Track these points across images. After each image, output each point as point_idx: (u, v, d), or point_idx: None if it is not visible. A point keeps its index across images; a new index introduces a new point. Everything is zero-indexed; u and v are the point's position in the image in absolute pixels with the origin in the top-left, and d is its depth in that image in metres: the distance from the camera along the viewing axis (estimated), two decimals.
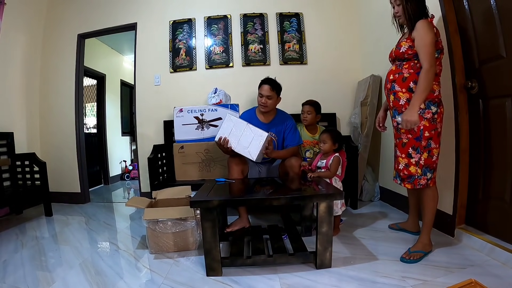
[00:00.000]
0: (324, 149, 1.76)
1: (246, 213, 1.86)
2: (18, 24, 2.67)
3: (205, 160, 2.29)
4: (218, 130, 1.85)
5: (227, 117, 1.85)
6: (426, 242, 1.44)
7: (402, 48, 1.40)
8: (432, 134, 1.36)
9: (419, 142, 1.37)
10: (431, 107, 1.36)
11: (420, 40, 1.30)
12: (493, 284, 1.08)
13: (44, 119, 2.97)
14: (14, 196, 2.26)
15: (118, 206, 2.90)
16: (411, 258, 1.38)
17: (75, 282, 1.33)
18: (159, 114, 2.77)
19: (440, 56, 1.39)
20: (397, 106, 1.43)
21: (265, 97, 1.88)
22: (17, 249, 1.76)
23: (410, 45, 1.37)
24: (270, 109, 1.94)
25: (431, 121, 1.35)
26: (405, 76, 1.38)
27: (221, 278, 1.31)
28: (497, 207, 1.43)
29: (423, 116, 1.34)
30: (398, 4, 1.40)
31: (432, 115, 1.35)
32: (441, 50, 1.39)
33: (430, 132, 1.36)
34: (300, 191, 1.57)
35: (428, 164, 1.38)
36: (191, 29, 2.84)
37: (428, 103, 1.35)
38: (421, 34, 1.30)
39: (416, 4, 1.36)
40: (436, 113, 1.36)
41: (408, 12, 1.36)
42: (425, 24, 1.30)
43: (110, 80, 4.31)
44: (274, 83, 1.91)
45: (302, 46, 2.79)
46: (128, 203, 1.79)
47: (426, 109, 1.35)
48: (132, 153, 5.00)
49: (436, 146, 1.39)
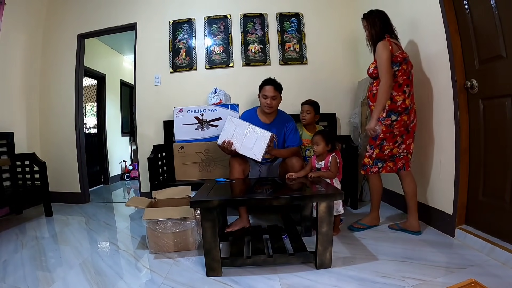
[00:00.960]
0: (317, 151, 1.73)
1: (246, 213, 1.86)
2: (18, 24, 2.67)
3: (205, 160, 2.29)
4: (220, 133, 1.83)
5: (228, 119, 1.84)
6: (373, 217, 1.84)
7: (370, 69, 1.71)
8: (387, 136, 1.68)
9: (374, 141, 1.72)
10: (392, 115, 1.65)
11: (378, 59, 1.61)
12: (493, 284, 1.08)
13: (44, 119, 2.97)
14: (14, 196, 2.26)
15: (118, 206, 2.90)
16: (357, 227, 1.81)
17: (75, 282, 1.33)
18: (159, 114, 2.77)
19: (400, 67, 1.62)
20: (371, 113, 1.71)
21: (270, 98, 1.88)
22: (17, 249, 1.76)
23: (375, 65, 1.66)
24: (275, 110, 1.96)
25: (388, 127, 1.66)
26: (373, 92, 1.68)
27: (221, 278, 1.31)
28: (497, 207, 1.43)
29: (382, 122, 1.65)
30: (366, 29, 1.72)
31: (391, 122, 1.65)
32: (401, 62, 1.61)
33: (385, 134, 1.67)
34: (300, 191, 1.57)
35: (380, 157, 1.73)
36: (191, 29, 2.84)
37: (389, 112, 1.65)
38: (378, 54, 1.60)
39: (380, 28, 1.65)
40: (395, 120, 1.64)
41: (372, 37, 1.69)
42: (380, 45, 1.59)
43: (110, 80, 4.31)
44: (277, 83, 1.92)
45: (302, 46, 2.79)
46: (128, 203, 1.79)
47: (386, 117, 1.65)
48: (132, 153, 5.00)
49: (389, 144, 1.70)
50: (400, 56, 1.61)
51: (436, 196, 1.80)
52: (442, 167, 1.72)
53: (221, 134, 1.82)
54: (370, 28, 1.68)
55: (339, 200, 1.66)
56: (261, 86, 1.94)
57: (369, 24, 1.69)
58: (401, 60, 1.61)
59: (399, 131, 1.67)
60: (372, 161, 1.77)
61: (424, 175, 1.90)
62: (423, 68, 1.87)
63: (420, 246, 1.56)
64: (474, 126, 1.56)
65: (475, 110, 1.54)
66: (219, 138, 1.83)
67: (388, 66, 1.56)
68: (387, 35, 1.63)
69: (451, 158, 1.63)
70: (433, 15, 1.69)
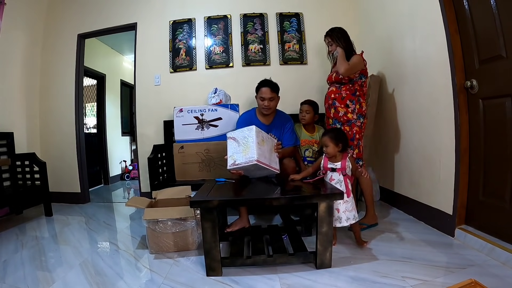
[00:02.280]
0: (329, 153, 1.59)
1: (247, 213, 1.86)
2: (18, 24, 2.67)
3: (205, 160, 2.29)
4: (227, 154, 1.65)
5: (228, 139, 1.66)
6: (371, 216, 1.86)
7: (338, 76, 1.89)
8: (360, 137, 1.88)
9: (352, 142, 1.86)
10: (360, 118, 1.88)
11: (352, 65, 1.82)
12: (493, 284, 1.09)
13: (44, 119, 2.97)
14: (14, 196, 2.26)
15: (118, 206, 2.90)
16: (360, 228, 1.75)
17: (75, 282, 1.33)
18: (159, 114, 2.77)
19: (365, 79, 1.89)
20: (337, 116, 1.91)
21: (267, 99, 1.87)
22: (17, 249, 1.76)
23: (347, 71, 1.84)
24: (273, 110, 1.95)
25: (360, 128, 1.88)
26: (343, 96, 1.87)
27: (221, 278, 1.31)
28: (497, 207, 1.43)
29: (355, 124, 1.86)
30: (331, 44, 1.94)
31: (361, 124, 1.88)
32: (366, 76, 1.90)
33: (359, 135, 1.88)
34: (300, 191, 1.57)
35: (359, 156, 1.89)
36: (191, 29, 2.84)
37: (359, 115, 1.87)
38: (354, 62, 1.81)
39: (346, 43, 1.90)
40: (362, 123, 1.90)
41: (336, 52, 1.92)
42: (358, 57, 1.84)
43: (110, 80, 4.31)
44: (273, 84, 1.91)
45: (302, 46, 2.79)
46: (128, 203, 1.79)
47: (357, 119, 1.87)
48: (132, 153, 5.00)
49: (361, 144, 1.91)
50: (367, 70, 1.89)
51: (436, 196, 1.79)
52: (442, 167, 1.72)
53: (228, 155, 1.64)
54: (336, 43, 1.91)
55: (349, 204, 1.53)
56: (257, 88, 1.93)
57: (334, 40, 1.92)
58: (366, 73, 1.90)
59: (364, 130, 1.95)
60: (355, 161, 1.84)
61: (424, 175, 1.90)
62: (423, 68, 1.87)
63: (420, 246, 1.56)
64: (474, 126, 1.56)
65: (475, 110, 1.54)
66: (228, 161, 1.63)
67: (354, 72, 1.83)
68: (362, 51, 1.90)
69: (451, 158, 1.63)
70: (433, 15, 1.69)
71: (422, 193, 1.92)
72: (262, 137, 1.63)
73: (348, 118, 1.86)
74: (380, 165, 2.52)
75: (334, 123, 1.93)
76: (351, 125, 1.86)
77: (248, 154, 1.51)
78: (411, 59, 1.99)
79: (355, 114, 1.86)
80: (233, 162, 1.58)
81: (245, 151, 1.52)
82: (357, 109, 1.86)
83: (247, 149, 1.52)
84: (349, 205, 1.53)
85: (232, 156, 1.60)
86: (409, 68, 2.02)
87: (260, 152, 1.54)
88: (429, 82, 1.81)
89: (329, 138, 1.59)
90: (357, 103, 1.87)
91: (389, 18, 2.27)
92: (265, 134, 1.70)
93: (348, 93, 1.86)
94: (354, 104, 1.86)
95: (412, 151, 2.02)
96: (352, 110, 1.86)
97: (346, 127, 1.87)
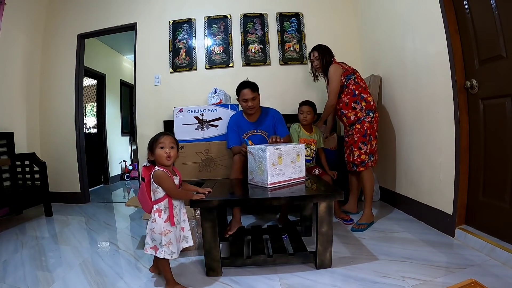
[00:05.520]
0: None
1: (240, 213, 1.86)
2: (18, 24, 2.67)
3: (205, 160, 2.29)
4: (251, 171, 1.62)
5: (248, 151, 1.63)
6: (369, 214, 1.90)
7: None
8: (372, 132, 1.91)
9: (365, 138, 1.90)
10: (370, 113, 1.91)
11: (330, 79, 1.96)
12: (493, 284, 1.09)
13: (44, 119, 2.97)
14: (14, 196, 2.26)
15: (118, 206, 2.90)
16: (359, 227, 1.82)
17: (75, 282, 1.33)
18: (159, 114, 2.77)
19: (356, 77, 1.94)
20: (350, 122, 1.97)
21: (250, 100, 1.92)
22: (17, 249, 1.76)
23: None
24: (257, 109, 2.00)
25: (371, 123, 1.91)
26: (346, 102, 1.95)
27: (221, 278, 1.31)
28: (497, 207, 1.43)
29: (365, 120, 1.90)
30: (318, 59, 2.03)
31: (371, 119, 1.91)
32: (353, 73, 1.95)
33: (370, 130, 1.90)
34: (300, 191, 1.57)
35: (371, 151, 1.91)
36: (191, 29, 2.84)
37: (368, 111, 1.91)
38: (330, 75, 1.96)
39: (329, 55, 2.01)
40: (373, 117, 1.92)
41: (323, 65, 2.02)
42: (332, 68, 1.94)
43: (110, 80, 4.31)
44: (252, 85, 1.95)
45: (302, 46, 2.79)
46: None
47: (367, 115, 1.90)
48: (132, 153, 5.00)
49: (373, 139, 1.93)
50: (349, 69, 1.97)
51: (436, 196, 1.79)
52: (442, 167, 1.72)
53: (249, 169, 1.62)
54: (321, 57, 2.01)
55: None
56: (238, 91, 1.97)
57: (320, 54, 2.01)
58: (352, 71, 1.96)
59: (377, 126, 1.95)
60: (368, 156, 1.91)
61: (424, 175, 1.90)
62: (423, 68, 1.87)
63: (420, 246, 1.56)
64: (474, 126, 1.56)
65: (475, 110, 1.54)
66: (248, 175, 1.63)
67: (337, 88, 1.93)
68: (333, 58, 2.02)
69: (451, 158, 1.63)
70: (433, 15, 1.69)
71: (422, 193, 1.92)
72: (279, 154, 1.52)
73: (358, 117, 1.92)
74: (380, 165, 2.51)
75: (352, 128, 1.98)
76: (362, 122, 1.91)
77: (263, 175, 1.52)
78: (411, 59, 1.98)
79: (363, 111, 1.91)
80: (252, 178, 1.61)
81: (261, 171, 1.52)
82: (364, 106, 1.91)
83: (261, 169, 1.52)
84: None
85: (251, 172, 1.61)
86: (409, 68, 2.02)
87: (276, 173, 1.51)
88: (429, 82, 1.81)
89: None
90: (362, 101, 1.91)
91: (389, 18, 2.27)
92: (284, 148, 1.53)
93: (349, 97, 1.93)
94: (359, 103, 1.91)
95: (412, 151, 2.02)
96: (360, 109, 1.91)
97: (358, 125, 1.92)
